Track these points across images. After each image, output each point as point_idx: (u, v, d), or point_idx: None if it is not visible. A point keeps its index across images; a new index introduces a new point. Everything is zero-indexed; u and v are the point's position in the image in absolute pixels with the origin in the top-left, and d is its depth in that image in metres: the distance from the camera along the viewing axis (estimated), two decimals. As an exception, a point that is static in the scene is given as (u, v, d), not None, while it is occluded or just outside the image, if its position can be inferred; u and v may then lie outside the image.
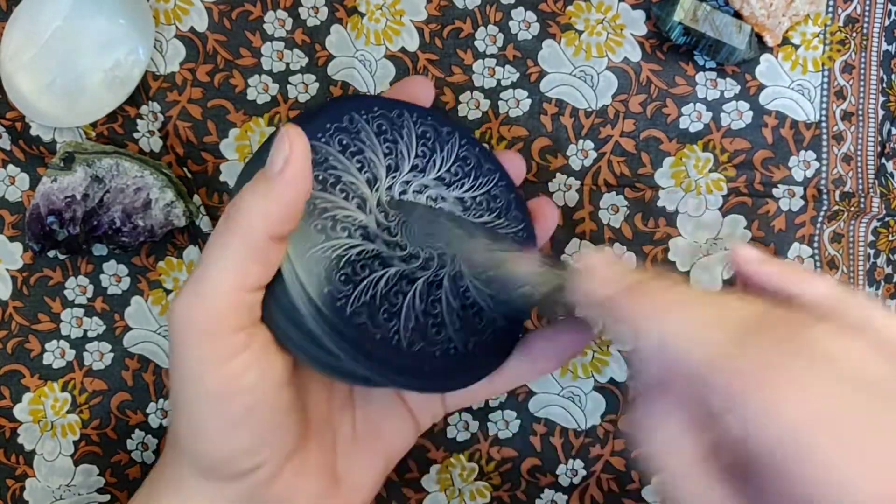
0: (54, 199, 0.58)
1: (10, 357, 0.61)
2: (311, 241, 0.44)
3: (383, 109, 0.49)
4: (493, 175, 0.52)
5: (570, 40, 0.61)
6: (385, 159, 0.48)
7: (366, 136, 0.48)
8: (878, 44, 0.62)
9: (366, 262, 0.46)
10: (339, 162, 0.46)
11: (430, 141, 0.50)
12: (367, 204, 0.47)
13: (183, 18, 0.60)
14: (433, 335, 0.47)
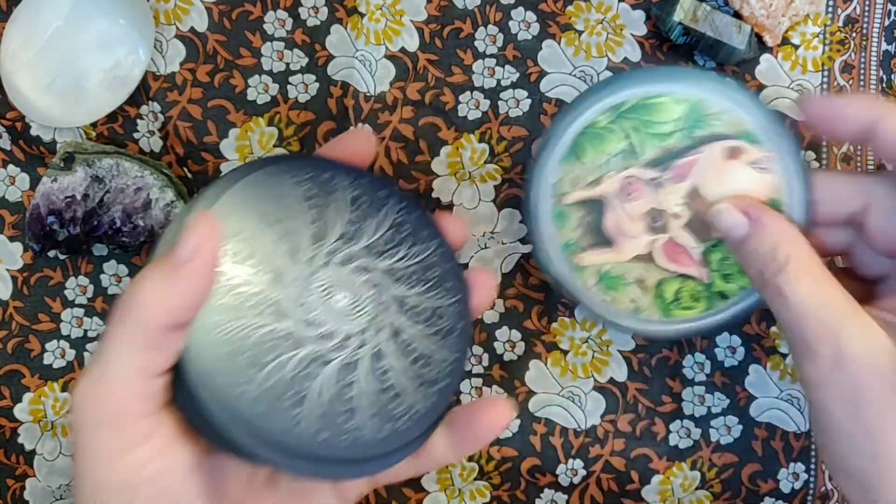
0: (54, 199, 0.58)
1: (11, 357, 0.61)
2: (213, 322, 0.41)
3: (314, 171, 0.46)
4: (430, 242, 0.49)
5: (570, 40, 0.61)
6: (311, 227, 0.45)
7: (292, 202, 0.45)
8: (877, 44, 0.62)
9: (274, 343, 0.43)
10: (257, 231, 0.44)
11: (363, 206, 0.47)
12: (283, 278, 0.44)
13: (183, 18, 0.61)
14: (342, 422, 0.43)
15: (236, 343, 0.42)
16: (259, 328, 0.42)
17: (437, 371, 0.47)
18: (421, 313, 0.47)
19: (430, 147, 0.61)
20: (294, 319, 0.44)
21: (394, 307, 0.47)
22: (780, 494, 0.62)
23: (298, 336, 0.43)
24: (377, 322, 0.46)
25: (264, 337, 0.42)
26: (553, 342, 0.61)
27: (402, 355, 0.46)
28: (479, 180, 0.61)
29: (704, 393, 0.62)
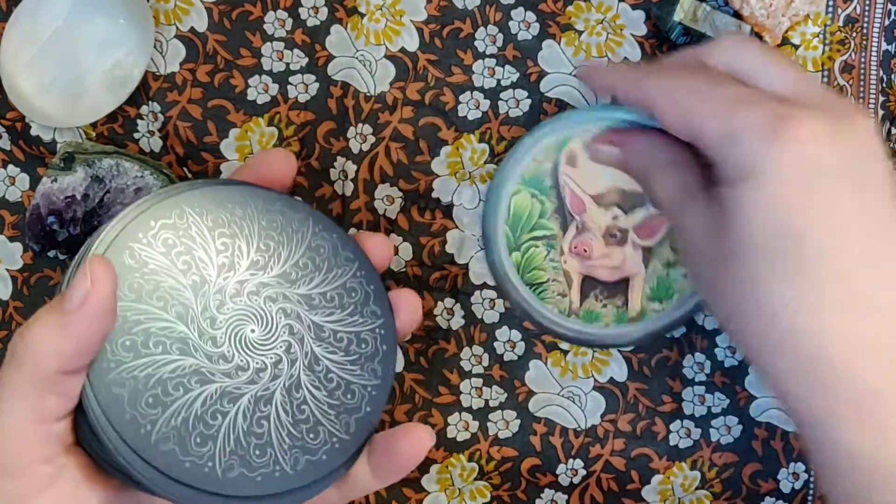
0: (54, 200, 0.58)
1: (11, 357, 0.61)
2: (116, 361, 0.41)
3: (223, 202, 0.45)
4: (351, 265, 0.48)
5: (570, 40, 0.61)
6: (218, 257, 0.44)
7: (197, 233, 0.44)
8: (877, 44, 0.62)
9: (181, 379, 0.42)
10: (160, 265, 0.43)
11: (277, 231, 0.46)
12: (190, 312, 0.43)
13: (183, 18, 0.60)
14: (255, 458, 0.43)
15: (140, 381, 0.41)
16: (164, 366, 0.42)
17: (358, 399, 0.46)
18: (340, 340, 0.46)
19: (430, 147, 0.61)
20: (202, 354, 0.43)
21: (310, 336, 0.46)
22: (780, 494, 0.62)
23: (207, 371, 0.43)
24: (292, 353, 0.45)
25: (170, 374, 0.42)
26: (553, 342, 0.61)
27: (320, 385, 0.45)
28: (479, 180, 0.61)
29: (705, 393, 0.62)
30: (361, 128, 0.60)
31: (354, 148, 0.60)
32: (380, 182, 0.61)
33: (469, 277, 0.61)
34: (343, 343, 0.46)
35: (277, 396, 0.44)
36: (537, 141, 0.60)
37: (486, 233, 0.60)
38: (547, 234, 0.60)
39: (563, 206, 0.60)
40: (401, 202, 0.61)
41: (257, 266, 0.45)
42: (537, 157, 0.60)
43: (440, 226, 0.61)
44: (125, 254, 0.42)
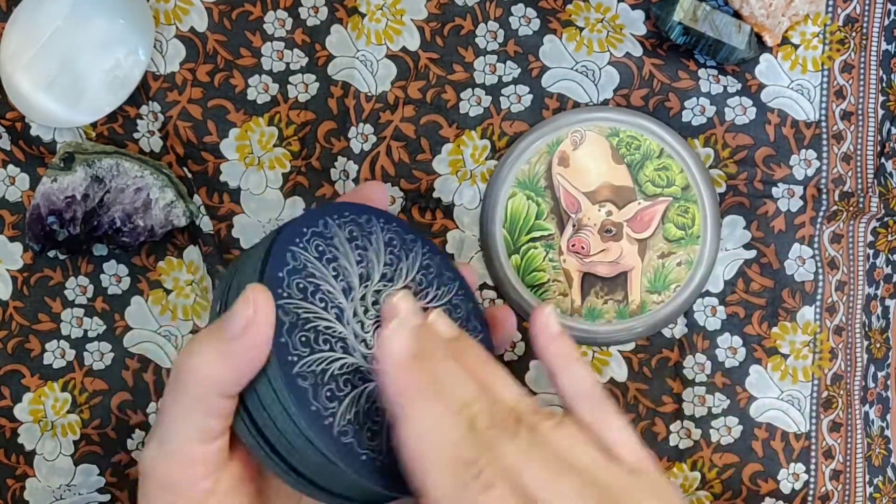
0: (54, 200, 0.58)
1: (11, 357, 0.61)
2: (297, 355, 0.42)
3: (353, 214, 0.47)
4: (453, 284, 0.50)
5: (571, 35, 0.61)
6: (357, 267, 0.46)
7: (339, 242, 0.46)
8: (877, 43, 0.63)
9: (348, 376, 0.43)
10: (317, 269, 0.44)
11: (396, 248, 0.48)
12: (345, 314, 0.44)
13: (183, 18, 0.61)
14: (367, 438, 0.44)
15: (318, 376, 0.42)
16: (333, 362, 0.43)
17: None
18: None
19: (431, 146, 0.61)
20: (359, 354, 0.44)
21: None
22: (780, 495, 0.62)
23: (364, 370, 0.44)
24: None
25: (339, 371, 0.43)
26: (553, 342, 0.61)
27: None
28: (480, 179, 0.61)
29: (705, 393, 0.62)
30: (362, 127, 0.60)
31: (356, 148, 0.60)
32: (381, 182, 0.61)
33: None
34: None
35: None
36: (530, 144, 0.60)
37: (484, 237, 0.60)
38: (545, 235, 0.60)
39: (559, 205, 0.60)
40: (402, 202, 0.61)
41: (386, 278, 0.47)
42: (531, 159, 0.60)
43: (441, 226, 0.61)
44: (287, 255, 0.44)
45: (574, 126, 0.60)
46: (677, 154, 0.60)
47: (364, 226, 0.48)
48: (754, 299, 0.62)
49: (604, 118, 0.60)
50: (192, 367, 0.42)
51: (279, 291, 0.43)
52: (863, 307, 0.63)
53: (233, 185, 0.61)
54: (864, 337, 0.63)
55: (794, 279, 0.62)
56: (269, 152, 0.61)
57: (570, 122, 0.60)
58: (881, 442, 0.64)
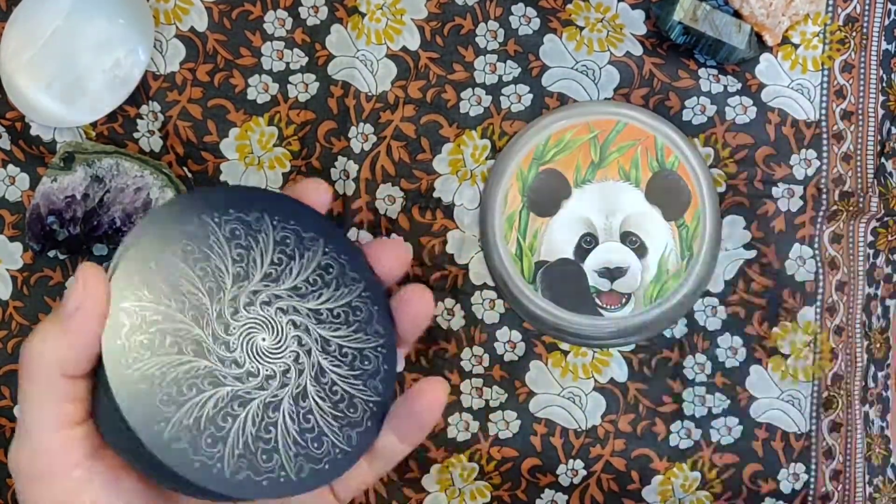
0: (54, 199, 0.58)
1: (10, 357, 0.61)
2: (133, 358, 0.41)
3: (240, 213, 0.46)
4: (357, 284, 0.49)
5: (572, 35, 0.61)
6: (234, 266, 0.45)
7: (214, 241, 0.45)
8: (877, 43, 0.63)
9: (194, 380, 0.42)
10: (180, 269, 0.43)
11: (288, 248, 0.47)
12: (205, 316, 0.43)
13: (183, 18, 0.61)
14: (262, 462, 0.43)
15: (156, 379, 0.41)
16: (179, 365, 0.42)
17: (361, 413, 0.47)
18: (345, 355, 0.47)
19: (431, 145, 0.61)
20: (215, 357, 0.43)
21: (317, 349, 0.46)
22: (780, 495, 0.62)
23: (219, 374, 0.43)
24: (300, 363, 0.46)
25: (185, 374, 0.42)
26: (553, 342, 0.61)
27: (325, 397, 0.46)
28: (480, 178, 0.61)
29: (705, 393, 0.62)
30: (363, 127, 0.60)
31: (356, 147, 0.60)
32: (381, 182, 0.61)
33: (469, 278, 0.61)
34: (347, 358, 0.47)
35: (285, 404, 0.45)
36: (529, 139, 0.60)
37: (484, 233, 0.60)
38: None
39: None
40: (402, 202, 0.61)
41: (270, 278, 0.46)
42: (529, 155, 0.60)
43: (441, 226, 0.61)
44: (148, 259, 0.43)
45: (571, 121, 0.60)
46: (678, 150, 0.60)
47: (253, 224, 0.46)
48: (755, 299, 0.62)
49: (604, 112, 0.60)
50: (33, 350, 0.41)
51: (125, 294, 0.42)
52: (863, 307, 0.63)
53: (233, 184, 0.61)
54: (864, 337, 0.63)
55: (795, 279, 0.62)
56: (269, 152, 0.61)
57: (567, 116, 0.60)
58: (881, 442, 0.64)
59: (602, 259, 0.60)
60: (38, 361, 0.41)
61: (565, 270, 0.60)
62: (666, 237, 0.60)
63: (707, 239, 0.60)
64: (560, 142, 0.60)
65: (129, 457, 0.43)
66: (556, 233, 0.60)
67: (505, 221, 0.60)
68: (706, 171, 0.60)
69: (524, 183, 0.60)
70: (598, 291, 0.60)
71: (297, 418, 0.45)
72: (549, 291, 0.60)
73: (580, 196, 0.60)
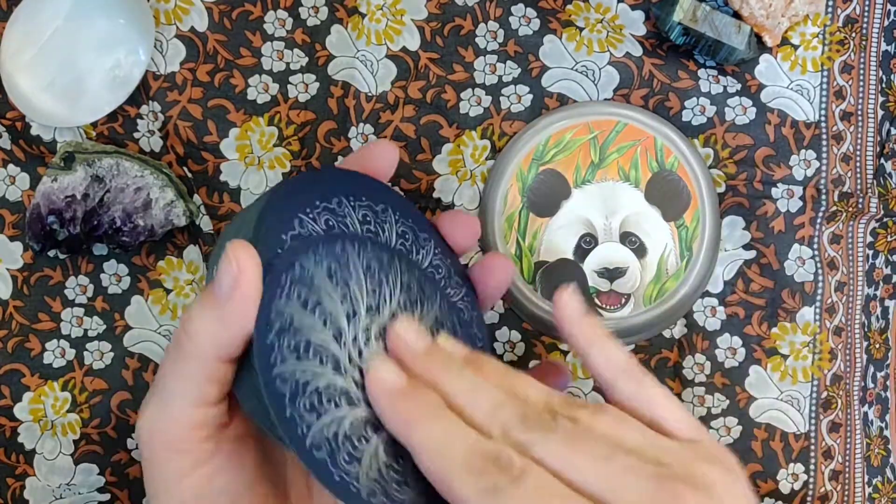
0: (54, 199, 0.58)
1: (11, 356, 0.61)
2: (282, 357, 0.41)
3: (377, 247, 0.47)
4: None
5: (571, 35, 0.61)
6: (368, 297, 0.45)
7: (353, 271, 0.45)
8: (877, 44, 0.63)
9: (333, 395, 0.42)
10: (322, 282, 0.43)
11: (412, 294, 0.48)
12: (343, 336, 0.43)
13: (183, 18, 0.61)
14: (395, 492, 0.42)
15: (300, 385, 0.41)
16: (320, 377, 0.42)
17: None
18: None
19: (431, 146, 0.61)
20: (350, 379, 0.43)
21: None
22: (779, 495, 0.62)
23: (354, 396, 0.43)
24: None
25: (324, 387, 0.42)
26: (553, 342, 0.61)
27: None
28: (480, 179, 0.61)
29: (704, 394, 0.62)
30: (363, 128, 0.60)
31: (356, 148, 0.60)
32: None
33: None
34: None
35: None
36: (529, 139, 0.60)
37: (483, 234, 0.60)
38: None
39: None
40: (401, 202, 0.61)
41: (397, 316, 0.46)
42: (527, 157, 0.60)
43: (441, 226, 0.61)
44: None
45: (571, 122, 0.60)
46: (678, 150, 0.60)
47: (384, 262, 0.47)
48: (754, 300, 0.62)
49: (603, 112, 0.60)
50: (191, 333, 0.42)
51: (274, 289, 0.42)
52: (862, 308, 0.63)
53: (233, 184, 0.61)
54: (863, 337, 0.63)
55: (794, 280, 0.62)
56: (269, 152, 0.61)
57: (566, 117, 0.60)
58: (880, 442, 0.64)
59: (601, 259, 0.60)
60: (195, 342, 0.42)
61: (565, 271, 0.60)
62: (665, 238, 0.60)
63: (706, 239, 0.60)
64: (560, 142, 0.60)
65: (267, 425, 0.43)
66: (556, 233, 0.60)
67: (504, 222, 0.60)
68: (706, 172, 0.60)
69: (524, 183, 0.60)
70: (598, 292, 0.60)
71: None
72: (548, 292, 0.60)
73: (580, 196, 0.60)
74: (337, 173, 0.48)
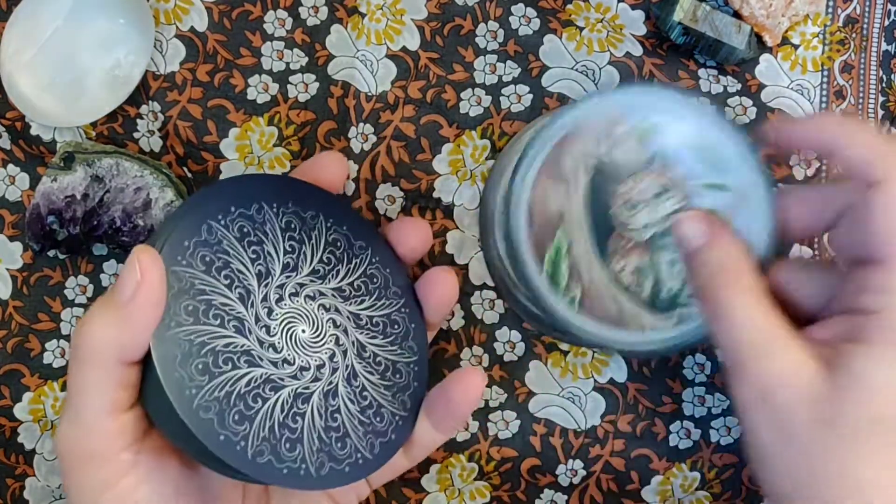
0: (54, 199, 0.58)
1: (10, 356, 0.61)
2: (176, 322, 0.42)
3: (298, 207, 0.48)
4: (398, 300, 0.50)
5: (572, 35, 0.61)
6: (285, 256, 0.46)
7: (270, 229, 0.46)
8: (877, 44, 0.63)
9: (231, 355, 0.43)
10: (232, 247, 0.44)
11: (338, 250, 0.49)
12: (251, 297, 0.44)
13: (183, 18, 0.61)
14: (285, 450, 0.44)
15: (195, 346, 0.42)
16: (219, 338, 0.43)
17: (387, 424, 0.47)
18: (378, 364, 0.48)
19: (431, 145, 0.61)
20: (255, 338, 0.44)
21: (353, 351, 0.47)
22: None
23: (256, 355, 0.44)
24: (334, 361, 0.46)
25: (223, 347, 0.43)
26: (553, 342, 0.61)
27: (355, 400, 0.47)
28: (480, 179, 0.61)
29: (705, 394, 0.62)
30: (363, 127, 0.60)
31: (356, 148, 0.60)
32: (381, 182, 0.61)
33: (469, 278, 0.61)
34: (380, 367, 0.49)
35: (315, 398, 0.45)
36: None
37: (483, 233, 0.60)
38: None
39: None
40: (402, 202, 0.61)
41: (317, 275, 0.47)
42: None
43: (441, 226, 0.61)
44: (203, 227, 0.44)
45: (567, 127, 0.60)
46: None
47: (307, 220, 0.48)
48: (754, 300, 0.62)
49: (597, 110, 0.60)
50: (90, 336, 0.42)
51: (177, 256, 0.42)
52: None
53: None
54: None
55: (794, 280, 0.62)
56: (269, 152, 0.61)
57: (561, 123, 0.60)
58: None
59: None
60: (96, 347, 0.42)
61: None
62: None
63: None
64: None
65: (167, 431, 0.43)
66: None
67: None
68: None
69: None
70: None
71: (325, 415, 0.45)
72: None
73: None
74: (264, 179, 0.49)
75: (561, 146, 0.52)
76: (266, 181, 0.48)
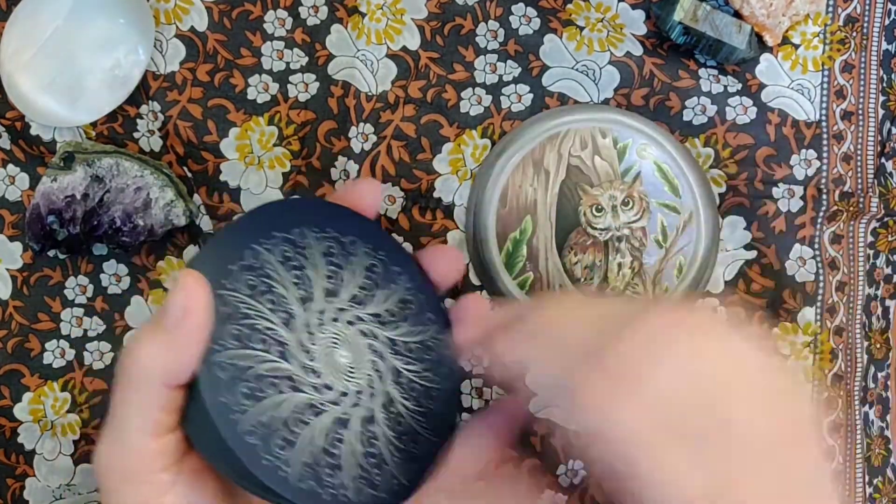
0: (54, 199, 0.58)
1: (10, 357, 0.61)
2: (221, 345, 0.42)
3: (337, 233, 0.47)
4: (433, 325, 0.50)
5: (572, 35, 0.61)
6: (326, 281, 0.46)
7: (310, 254, 0.46)
8: (878, 43, 0.63)
9: (274, 380, 0.43)
10: (274, 270, 0.44)
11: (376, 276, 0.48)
12: (293, 321, 0.44)
13: (183, 18, 0.61)
14: (326, 476, 0.43)
15: (240, 371, 0.42)
16: (263, 362, 0.43)
17: (422, 450, 0.47)
18: (413, 390, 0.48)
19: (431, 145, 0.61)
20: (297, 363, 0.44)
21: (390, 377, 0.47)
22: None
23: (298, 380, 0.44)
24: (373, 387, 0.46)
25: (266, 372, 0.42)
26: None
27: (392, 426, 0.46)
28: (480, 179, 0.61)
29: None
30: (363, 127, 0.60)
31: (356, 147, 0.60)
32: (381, 181, 0.61)
33: (469, 278, 0.61)
34: (415, 393, 0.48)
35: (354, 424, 0.45)
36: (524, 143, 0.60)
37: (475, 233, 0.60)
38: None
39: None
40: (402, 202, 0.61)
41: (356, 300, 0.47)
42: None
43: (441, 226, 0.61)
44: (246, 251, 0.44)
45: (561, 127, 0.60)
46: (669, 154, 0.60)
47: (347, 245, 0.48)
48: (755, 300, 0.62)
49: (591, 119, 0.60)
50: (137, 360, 0.42)
51: (222, 282, 0.42)
52: (863, 308, 0.63)
53: (233, 184, 0.61)
54: (864, 337, 0.63)
55: (795, 280, 0.61)
56: (269, 152, 0.61)
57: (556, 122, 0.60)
58: (881, 442, 0.64)
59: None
60: (142, 371, 0.41)
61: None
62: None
63: (703, 239, 0.60)
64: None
65: (209, 455, 0.43)
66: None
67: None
68: (699, 172, 0.60)
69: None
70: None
71: (364, 441, 0.45)
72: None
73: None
74: (304, 203, 0.49)
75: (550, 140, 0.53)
76: (306, 206, 0.48)
